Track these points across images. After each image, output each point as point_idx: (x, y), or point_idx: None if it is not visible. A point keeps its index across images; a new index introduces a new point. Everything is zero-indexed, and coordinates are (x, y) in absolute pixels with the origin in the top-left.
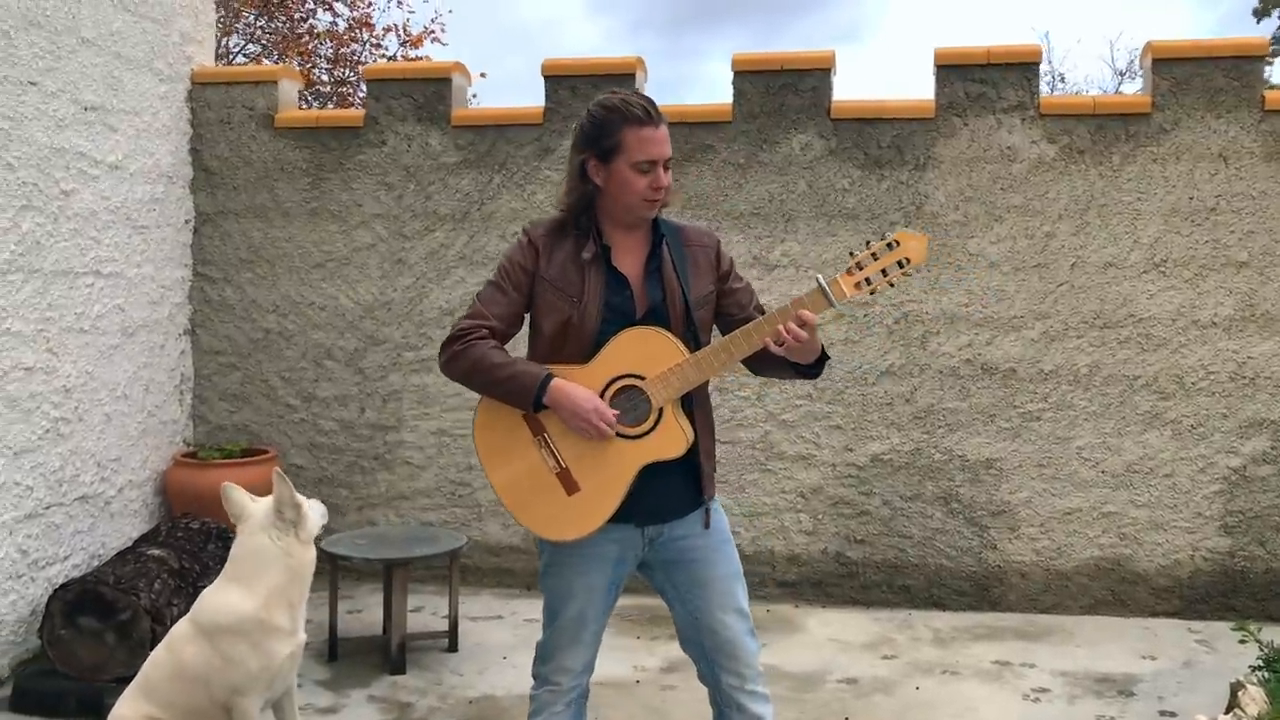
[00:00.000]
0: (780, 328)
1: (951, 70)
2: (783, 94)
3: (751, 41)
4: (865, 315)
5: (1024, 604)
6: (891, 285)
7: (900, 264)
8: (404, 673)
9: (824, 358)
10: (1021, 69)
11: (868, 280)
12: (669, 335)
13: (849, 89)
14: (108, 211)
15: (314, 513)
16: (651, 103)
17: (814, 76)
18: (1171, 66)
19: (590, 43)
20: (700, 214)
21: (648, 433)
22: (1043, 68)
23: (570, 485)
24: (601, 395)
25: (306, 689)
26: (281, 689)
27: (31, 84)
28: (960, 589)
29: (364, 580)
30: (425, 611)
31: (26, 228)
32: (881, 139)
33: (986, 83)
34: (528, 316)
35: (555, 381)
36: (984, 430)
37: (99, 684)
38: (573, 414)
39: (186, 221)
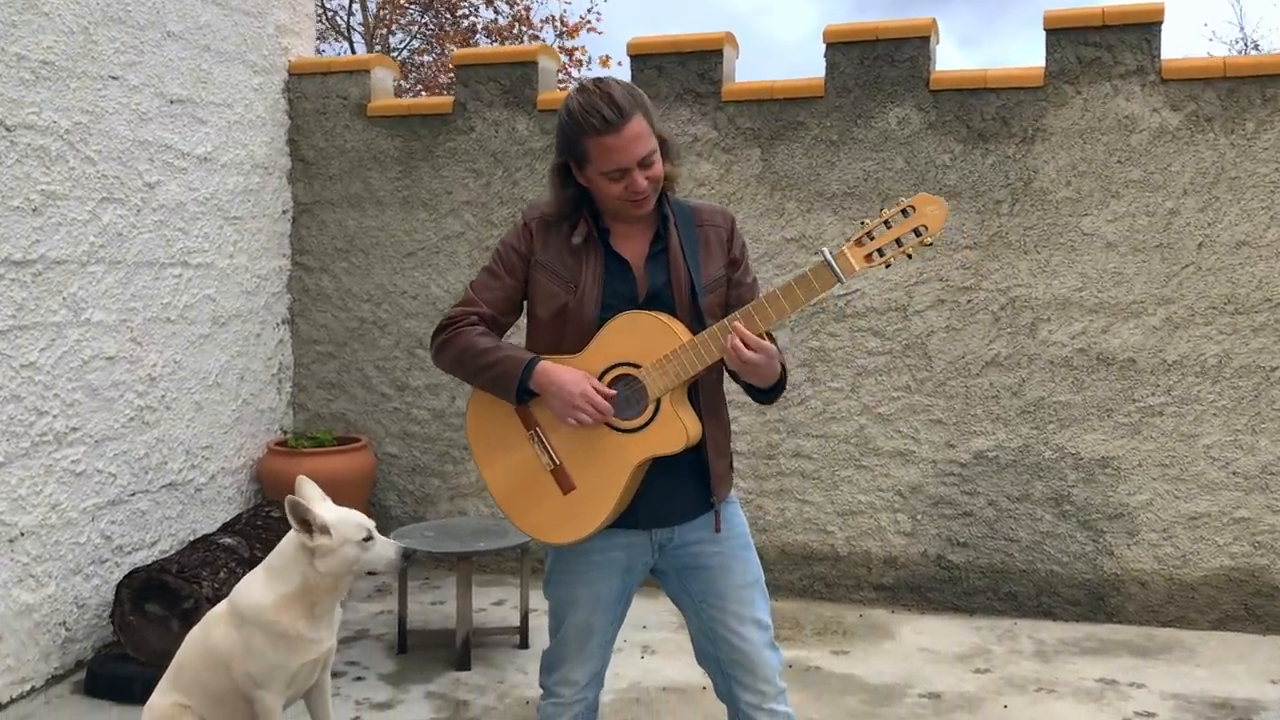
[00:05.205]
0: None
1: (1062, 34)
2: (878, 65)
3: (980, 17)
4: (969, 301)
5: (1144, 616)
6: (909, 257)
7: (917, 232)
8: (469, 668)
9: (781, 384)
10: (1141, 30)
11: (880, 251)
12: (667, 319)
13: None
14: (196, 203)
15: (359, 548)
16: (615, 102)
17: (911, 45)
18: None
19: (808, 25)
20: (790, 194)
21: (645, 425)
22: (1234, 34)
23: (565, 483)
24: None
25: (368, 682)
26: (303, 688)
27: (113, 78)
28: (1073, 598)
29: (454, 572)
30: (507, 605)
31: (107, 220)
32: (985, 111)
33: (1101, 46)
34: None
35: (541, 364)
36: (1099, 426)
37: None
38: (560, 399)
39: (284, 212)
